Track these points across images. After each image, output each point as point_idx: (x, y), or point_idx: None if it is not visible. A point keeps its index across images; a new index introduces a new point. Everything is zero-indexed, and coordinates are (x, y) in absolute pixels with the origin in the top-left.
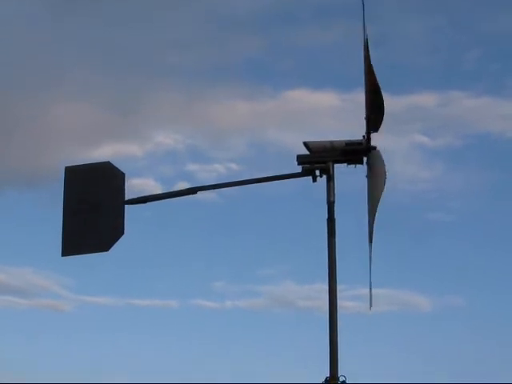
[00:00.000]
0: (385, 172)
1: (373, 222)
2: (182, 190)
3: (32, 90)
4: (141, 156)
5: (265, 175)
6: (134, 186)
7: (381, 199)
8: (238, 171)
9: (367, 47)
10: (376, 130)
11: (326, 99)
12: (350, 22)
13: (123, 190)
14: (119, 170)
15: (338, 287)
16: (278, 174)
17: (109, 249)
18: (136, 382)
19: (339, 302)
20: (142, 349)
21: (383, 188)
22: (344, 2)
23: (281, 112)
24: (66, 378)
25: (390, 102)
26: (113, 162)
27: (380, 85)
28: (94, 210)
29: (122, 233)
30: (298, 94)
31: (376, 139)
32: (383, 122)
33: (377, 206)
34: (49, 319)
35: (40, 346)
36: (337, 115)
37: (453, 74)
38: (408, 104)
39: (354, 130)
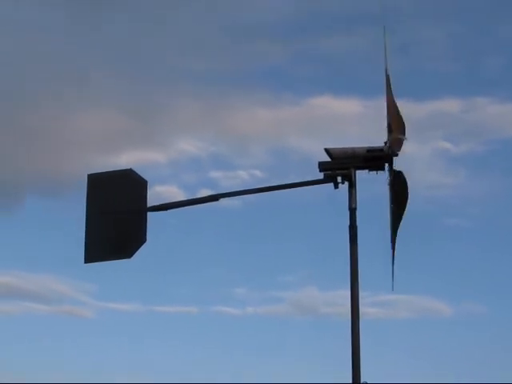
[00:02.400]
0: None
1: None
2: (203, 197)
3: (53, 97)
4: (164, 163)
5: (287, 182)
6: (158, 193)
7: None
8: (261, 178)
9: (389, 82)
10: (396, 154)
11: (348, 106)
12: (373, 29)
13: (145, 197)
14: (141, 178)
15: (360, 294)
16: (299, 181)
17: (131, 256)
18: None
19: (361, 309)
20: (163, 355)
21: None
22: (367, 9)
23: (304, 119)
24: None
25: (413, 108)
26: (136, 170)
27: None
28: (116, 217)
29: (144, 240)
30: (320, 101)
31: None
32: (406, 129)
33: (398, 226)
34: (70, 325)
35: (60, 351)
36: (359, 122)
37: (476, 79)
38: (431, 110)
39: (377, 137)
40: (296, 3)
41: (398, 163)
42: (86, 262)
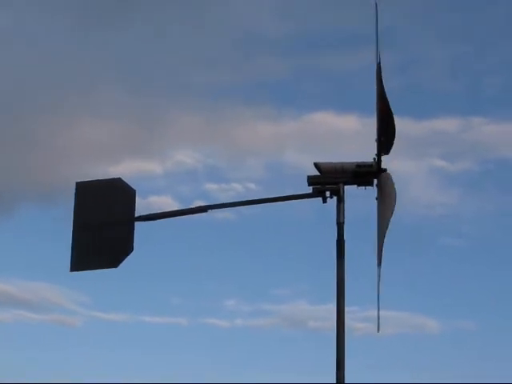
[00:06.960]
0: (395, 195)
1: (382, 246)
2: (192, 208)
3: (53, 106)
4: (160, 174)
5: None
6: (152, 203)
7: (390, 222)
8: (255, 191)
9: (380, 71)
10: (387, 152)
11: (347, 123)
12: (375, 47)
13: (133, 206)
14: (130, 187)
15: (350, 309)
16: (288, 195)
17: (118, 265)
18: None
19: (350, 323)
20: (150, 367)
21: (393, 211)
22: (369, 28)
23: (303, 134)
24: None
25: (411, 126)
26: (132, 180)
27: (392, 108)
28: (103, 226)
29: (132, 249)
30: (321, 117)
31: (394, 162)
32: (403, 146)
33: (386, 230)
34: (59, 334)
35: (47, 360)
36: (357, 139)
37: (474, 99)
38: (429, 129)
39: (373, 154)
40: (299, 20)
41: (394, 180)
42: (71, 271)
